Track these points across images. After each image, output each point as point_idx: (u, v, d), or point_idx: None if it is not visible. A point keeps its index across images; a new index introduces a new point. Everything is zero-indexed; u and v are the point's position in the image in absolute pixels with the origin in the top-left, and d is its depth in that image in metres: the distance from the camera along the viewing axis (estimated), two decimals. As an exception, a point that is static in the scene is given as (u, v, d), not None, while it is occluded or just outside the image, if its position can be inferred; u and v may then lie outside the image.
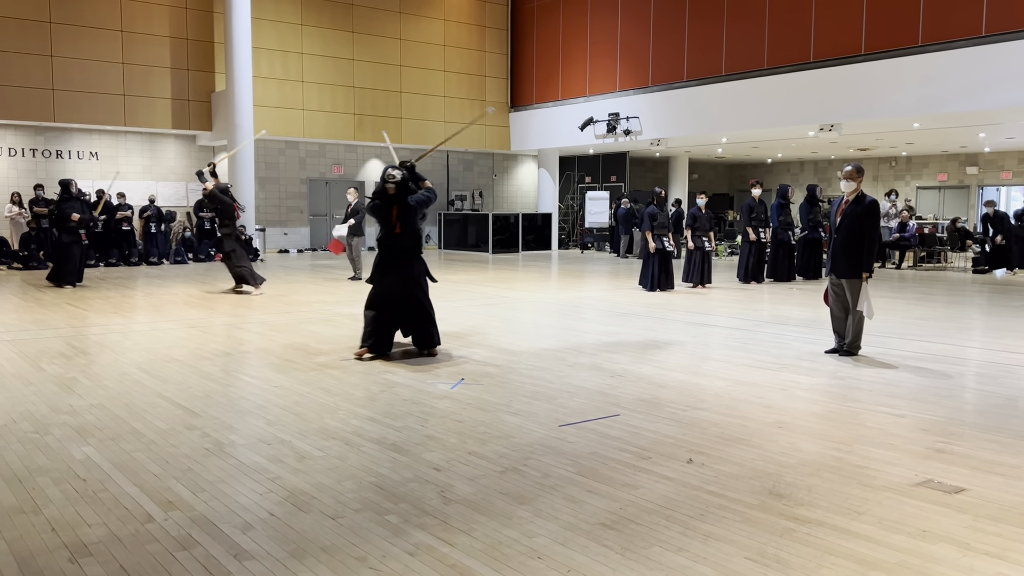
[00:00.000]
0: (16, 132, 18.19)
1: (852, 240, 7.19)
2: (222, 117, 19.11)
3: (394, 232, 7.14)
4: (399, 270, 7.16)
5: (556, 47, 23.20)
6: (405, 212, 7.14)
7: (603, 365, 6.95)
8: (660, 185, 25.36)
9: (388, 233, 7.19)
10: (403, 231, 7.16)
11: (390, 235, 7.17)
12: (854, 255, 7.18)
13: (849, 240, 7.20)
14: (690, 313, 10.36)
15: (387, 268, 7.19)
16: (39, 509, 3.66)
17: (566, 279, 15.36)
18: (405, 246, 7.20)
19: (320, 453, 4.48)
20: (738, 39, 18.40)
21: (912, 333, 8.76)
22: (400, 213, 7.13)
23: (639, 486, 3.97)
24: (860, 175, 7.30)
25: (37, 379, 6.31)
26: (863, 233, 7.14)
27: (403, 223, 7.14)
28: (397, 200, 7.15)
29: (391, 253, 7.20)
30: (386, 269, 7.19)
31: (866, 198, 7.25)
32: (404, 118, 22.40)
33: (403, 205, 7.15)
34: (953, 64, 14.72)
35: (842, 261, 7.26)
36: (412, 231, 7.23)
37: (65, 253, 12.84)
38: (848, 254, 7.21)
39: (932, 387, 6.18)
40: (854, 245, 7.18)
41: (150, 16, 18.82)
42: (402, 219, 7.14)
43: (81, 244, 12.92)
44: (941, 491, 3.92)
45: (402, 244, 7.18)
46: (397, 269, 7.15)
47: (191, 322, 9.39)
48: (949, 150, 24.10)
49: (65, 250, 12.84)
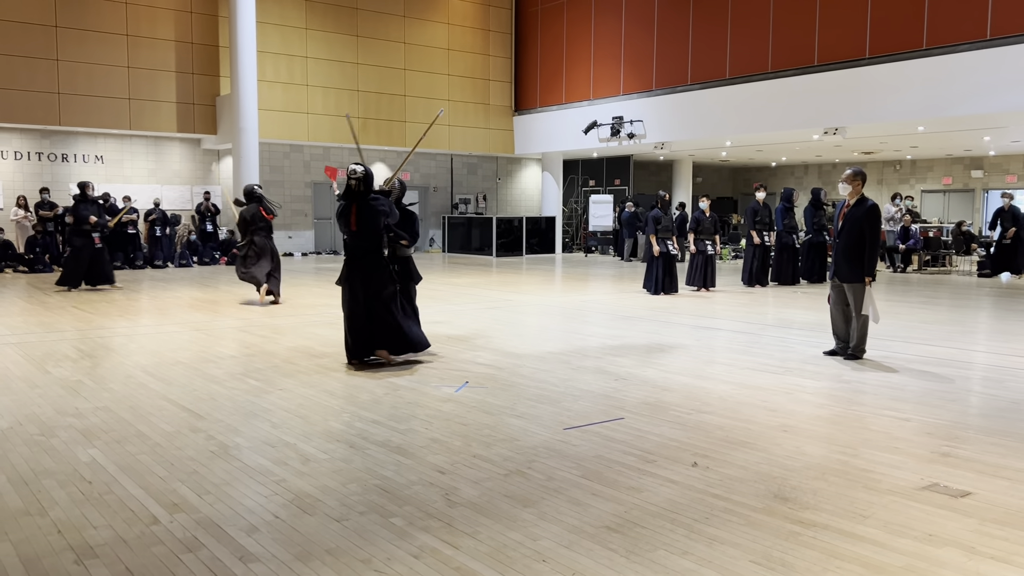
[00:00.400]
0: (22, 136, 18.25)
1: (853, 244, 7.20)
2: (227, 121, 19.15)
3: (351, 230, 6.85)
4: (360, 275, 6.89)
5: (560, 51, 23.23)
6: (366, 211, 6.80)
7: (607, 368, 6.95)
8: (664, 189, 25.35)
9: (348, 232, 6.91)
10: (360, 230, 6.83)
11: (349, 234, 6.91)
12: (856, 259, 7.18)
13: (851, 244, 7.21)
14: (694, 317, 10.36)
15: (350, 270, 6.95)
16: (45, 511, 3.67)
17: (570, 282, 15.36)
18: (363, 246, 6.88)
19: (325, 456, 4.49)
20: (742, 43, 18.41)
21: (917, 337, 8.74)
22: (360, 211, 6.81)
23: (644, 489, 3.97)
24: (858, 179, 7.30)
25: (43, 382, 6.33)
26: (864, 237, 7.15)
27: (361, 221, 6.81)
28: (358, 198, 6.84)
29: (352, 254, 6.95)
30: (350, 271, 6.95)
31: (867, 202, 7.24)
32: (408, 121, 22.43)
33: (364, 203, 6.82)
34: (958, 68, 14.70)
35: (844, 265, 7.26)
36: (372, 232, 6.88)
37: (76, 256, 12.78)
38: (850, 258, 7.22)
39: (937, 391, 6.16)
40: (856, 249, 7.18)
41: (155, 20, 18.88)
42: (361, 217, 6.80)
43: (93, 247, 12.80)
44: (947, 495, 3.91)
45: (361, 243, 6.87)
46: (358, 273, 6.89)
47: (196, 325, 9.41)
48: (954, 154, 24.07)
49: (76, 253, 12.77)
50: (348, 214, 6.85)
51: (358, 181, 6.82)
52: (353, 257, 6.95)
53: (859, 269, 7.17)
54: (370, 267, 6.91)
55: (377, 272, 6.94)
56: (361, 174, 6.80)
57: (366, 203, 6.81)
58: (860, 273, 7.17)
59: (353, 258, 6.95)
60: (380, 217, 6.83)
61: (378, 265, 6.96)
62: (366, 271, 6.89)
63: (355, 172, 6.82)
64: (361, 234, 6.85)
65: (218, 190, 20.53)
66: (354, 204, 6.83)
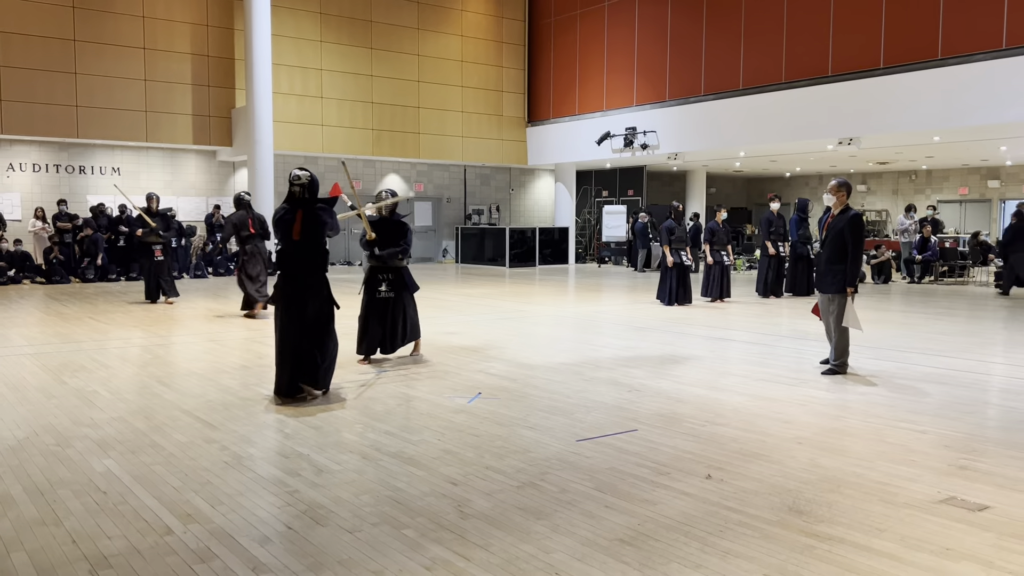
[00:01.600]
0: (40, 148, 18.46)
1: (836, 254, 7.09)
2: (242, 133, 19.30)
3: (292, 239, 6.17)
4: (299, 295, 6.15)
5: (573, 62, 23.29)
6: (310, 220, 6.18)
7: (621, 380, 6.93)
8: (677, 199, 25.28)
9: (288, 242, 6.22)
10: (304, 239, 6.17)
11: (290, 244, 6.20)
12: (838, 270, 7.07)
13: (833, 254, 7.11)
14: (708, 328, 10.32)
15: (288, 288, 6.19)
16: (60, 521, 3.69)
17: (583, 293, 15.34)
18: (305, 260, 6.20)
19: (338, 467, 4.49)
20: (755, 53, 18.39)
21: (934, 348, 8.67)
22: (305, 219, 6.17)
23: (657, 502, 3.95)
24: (843, 190, 7.18)
25: (59, 392, 6.37)
26: (846, 247, 7.02)
27: (305, 231, 6.16)
28: (304, 205, 6.23)
29: (291, 269, 6.20)
30: (287, 289, 6.19)
31: (849, 212, 7.16)
32: (422, 133, 22.54)
33: (309, 211, 6.20)
34: (974, 77, 14.62)
35: (827, 275, 7.17)
36: (315, 243, 6.23)
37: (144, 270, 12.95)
38: (832, 269, 7.12)
39: (954, 403, 6.10)
40: (838, 259, 7.08)
41: (172, 34, 19.08)
42: (305, 226, 6.16)
43: (154, 260, 12.55)
44: (964, 508, 3.86)
45: (302, 255, 6.19)
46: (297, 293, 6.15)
47: (210, 336, 9.46)
48: (970, 164, 23.91)
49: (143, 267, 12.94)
50: (291, 222, 6.18)
51: (302, 187, 6.25)
52: (292, 273, 6.20)
53: (840, 280, 7.05)
54: (311, 286, 6.21)
55: (318, 293, 6.24)
56: (306, 179, 6.26)
57: (312, 211, 6.22)
58: (842, 284, 7.04)
59: (292, 275, 6.20)
60: (324, 228, 6.25)
61: (320, 284, 6.27)
62: (306, 291, 6.18)
63: (299, 178, 6.26)
64: (304, 245, 6.20)
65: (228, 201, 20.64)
66: (299, 211, 6.21)
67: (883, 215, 27.61)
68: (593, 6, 22.57)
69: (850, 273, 7.00)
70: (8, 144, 18.05)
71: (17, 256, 16.70)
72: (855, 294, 7.05)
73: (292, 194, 6.28)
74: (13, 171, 18.18)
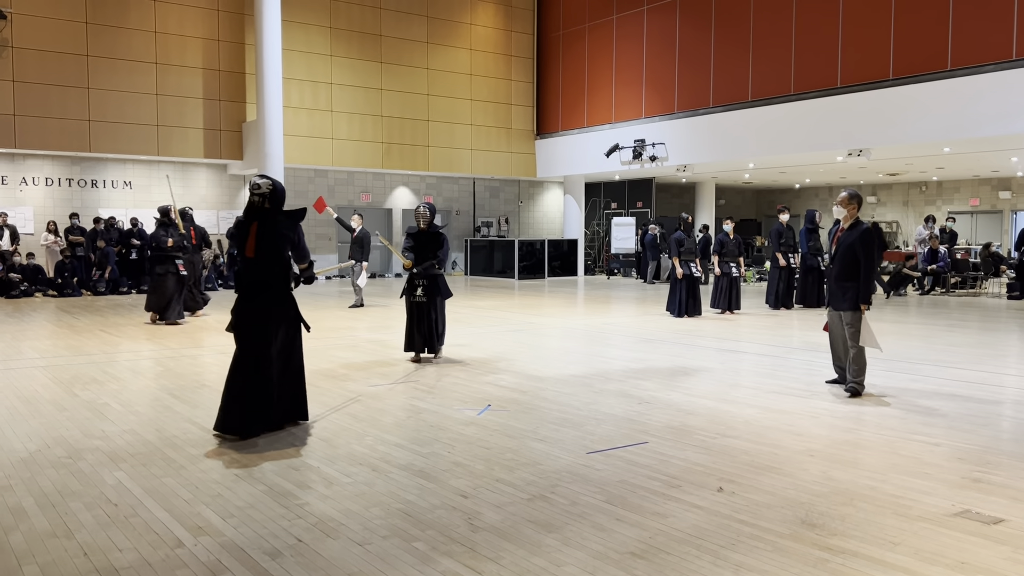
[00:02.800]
0: (53, 162, 18.61)
1: (847, 270, 6.76)
2: (253, 146, 19.42)
3: (246, 256, 5.46)
4: (252, 319, 5.42)
5: (582, 74, 23.36)
6: (268, 233, 5.44)
7: (631, 392, 6.91)
8: (687, 211, 25.32)
9: (243, 258, 5.50)
10: (259, 256, 5.42)
11: (244, 261, 5.49)
12: (850, 286, 6.73)
13: (844, 270, 6.78)
14: (719, 339, 10.28)
15: (242, 313, 5.46)
16: (71, 534, 3.69)
17: (592, 305, 15.33)
18: (260, 279, 5.44)
19: (348, 479, 4.49)
20: (764, 65, 18.41)
21: (946, 360, 8.61)
22: (261, 232, 5.44)
23: (668, 515, 3.93)
24: (854, 202, 6.88)
25: (71, 405, 6.40)
26: (858, 263, 6.70)
27: (261, 245, 5.42)
28: (262, 216, 5.49)
29: (246, 288, 5.48)
30: (241, 314, 5.46)
31: (860, 225, 6.85)
32: (431, 146, 22.62)
33: (267, 224, 5.46)
34: (984, 88, 14.59)
35: (839, 292, 6.82)
36: (273, 259, 5.45)
37: (160, 285, 11.71)
38: (844, 285, 6.77)
39: (968, 415, 6.06)
40: (850, 275, 6.74)
41: (184, 49, 19.24)
42: (261, 240, 5.42)
43: (178, 275, 11.76)
44: (979, 522, 3.83)
45: (257, 275, 5.44)
46: (250, 316, 5.43)
47: (221, 348, 9.48)
48: (981, 175, 23.82)
49: (160, 282, 11.71)
50: (245, 236, 5.48)
51: (262, 197, 5.49)
52: (249, 295, 5.47)
53: (853, 296, 6.71)
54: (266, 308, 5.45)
55: (279, 316, 5.49)
56: (267, 188, 5.50)
57: (270, 224, 5.48)
58: (855, 301, 6.71)
59: (249, 296, 5.47)
60: (285, 243, 5.50)
61: (282, 306, 5.51)
62: (261, 314, 5.43)
63: (258, 187, 5.50)
64: (259, 263, 5.44)
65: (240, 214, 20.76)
66: (255, 223, 5.49)
67: (893, 226, 27.51)
68: (601, 19, 22.65)
69: (863, 290, 6.68)
70: (22, 158, 18.22)
71: (29, 269, 16.81)
72: (868, 309, 6.76)
73: (251, 204, 5.52)
74: (26, 185, 18.33)
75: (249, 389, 5.34)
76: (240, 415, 5.31)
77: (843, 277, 6.80)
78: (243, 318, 5.44)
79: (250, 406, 5.33)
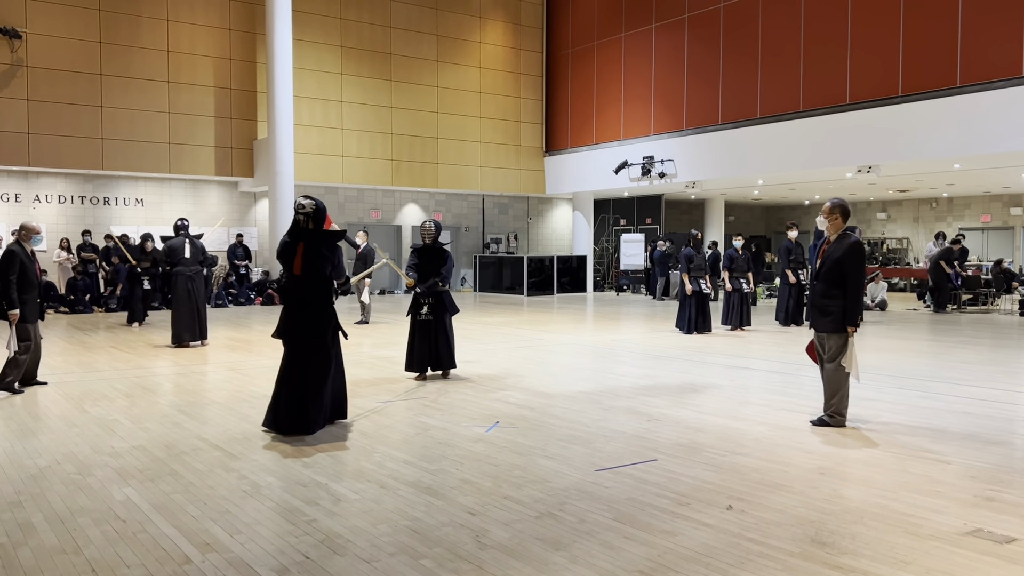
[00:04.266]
0: (66, 180, 18.77)
1: (832, 287, 6.14)
2: (264, 164, 19.55)
3: (294, 274, 5.98)
4: (299, 329, 5.96)
5: (591, 92, 23.45)
6: (312, 254, 5.95)
7: (640, 409, 6.88)
8: (696, 227, 25.28)
9: (289, 276, 6.02)
10: (305, 274, 5.95)
11: (291, 277, 6.01)
12: (834, 305, 6.11)
13: (829, 288, 6.16)
14: (728, 356, 10.24)
15: (290, 322, 6.00)
16: (80, 550, 3.70)
17: (601, 321, 15.31)
18: (305, 295, 5.96)
19: (355, 496, 4.48)
20: (773, 82, 18.44)
21: (958, 377, 8.55)
22: (306, 252, 5.95)
23: (678, 533, 3.90)
24: (837, 212, 6.24)
25: (81, 421, 6.42)
26: (845, 279, 6.09)
27: (307, 264, 5.93)
28: (306, 237, 5.99)
29: (293, 303, 6.01)
30: (288, 323, 6.00)
31: (848, 238, 6.21)
32: (441, 163, 22.73)
33: (311, 245, 5.97)
34: (993, 104, 14.57)
35: (821, 311, 6.21)
36: (317, 277, 5.97)
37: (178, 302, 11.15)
38: (828, 303, 6.16)
39: (980, 433, 6.01)
40: (834, 293, 6.12)
41: (195, 67, 19.43)
42: (307, 259, 5.93)
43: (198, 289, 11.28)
44: (992, 541, 3.79)
45: (303, 292, 5.97)
46: (298, 327, 5.96)
47: (231, 365, 9.51)
48: (992, 191, 23.74)
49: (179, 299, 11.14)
50: (292, 255, 5.98)
51: (307, 217, 5.98)
52: (293, 304, 6.01)
53: (838, 317, 6.10)
54: (312, 319, 5.98)
55: (322, 325, 6.00)
56: (311, 208, 5.96)
57: (314, 244, 6.00)
58: (840, 321, 6.10)
59: (293, 308, 6.01)
60: (326, 263, 6.01)
61: (322, 317, 6.00)
62: (307, 324, 5.97)
63: (303, 207, 5.97)
64: (305, 280, 5.97)
65: (254, 231, 20.90)
66: (301, 243, 6.00)
67: (904, 243, 27.42)
68: (610, 37, 22.77)
69: (850, 309, 6.05)
70: (35, 176, 18.39)
71: (41, 286, 16.91)
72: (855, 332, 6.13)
73: (296, 223, 6.05)
74: (39, 202, 18.49)
75: (299, 389, 5.90)
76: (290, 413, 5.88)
77: (827, 295, 6.17)
78: (291, 327, 5.98)
79: (301, 404, 5.89)
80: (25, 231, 7.90)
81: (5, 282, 7.46)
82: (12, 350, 7.51)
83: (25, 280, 7.68)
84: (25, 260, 7.70)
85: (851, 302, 6.07)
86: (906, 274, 24.46)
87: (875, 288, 17.88)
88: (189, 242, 11.40)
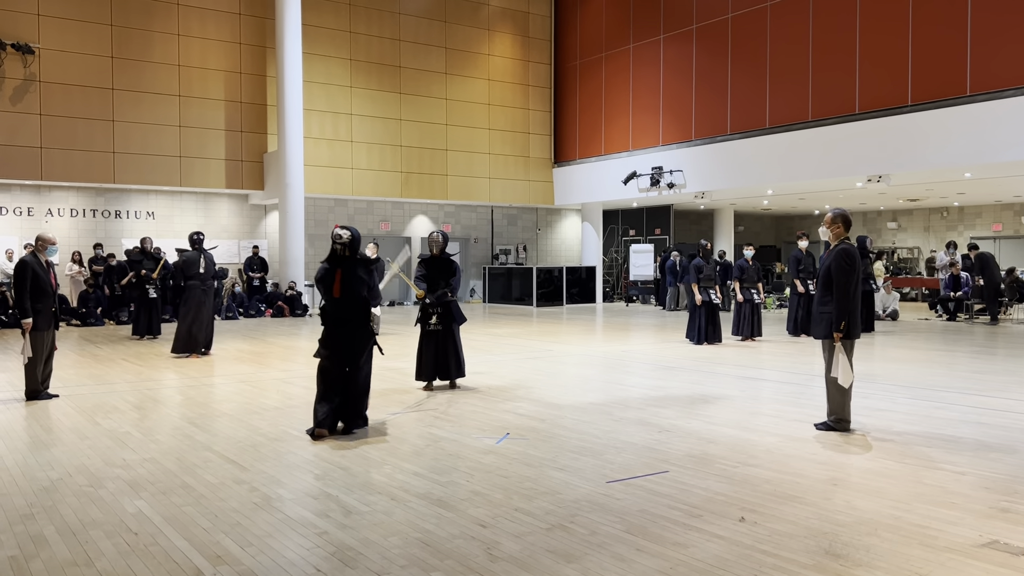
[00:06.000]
0: (78, 193, 18.92)
1: (826, 294, 6.27)
2: (274, 176, 19.66)
3: (333, 297, 6.50)
4: (341, 343, 6.48)
5: (599, 103, 23.50)
6: (349, 279, 6.49)
7: (651, 420, 6.86)
8: (705, 237, 25.25)
9: (329, 299, 6.55)
10: (344, 297, 6.48)
11: (331, 301, 6.54)
12: (827, 312, 6.24)
13: (823, 294, 6.30)
14: (739, 367, 10.20)
15: (332, 339, 6.51)
16: (92, 562, 3.70)
17: (611, 332, 15.28)
18: (345, 316, 6.49)
19: (366, 508, 4.48)
20: (781, 92, 18.44)
21: (971, 387, 8.49)
22: (344, 277, 6.49)
23: (690, 545, 3.88)
24: (837, 222, 6.36)
25: (92, 433, 6.44)
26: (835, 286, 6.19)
27: (345, 288, 6.48)
28: (343, 264, 6.54)
29: (333, 323, 6.54)
30: (331, 340, 6.51)
31: (839, 245, 6.31)
32: (450, 175, 22.80)
33: (349, 269, 6.51)
34: (1004, 113, 14.52)
35: (816, 318, 6.36)
36: (355, 299, 6.51)
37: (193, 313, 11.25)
38: (821, 310, 6.30)
39: (994, 443, 5.96)
40: (827, 300, 6.25)
41: (206, 81, 19.58)
42: (345, 283, 6.48)
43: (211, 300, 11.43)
44: (1008, 553, 3.75)
45: (343, 313, 6.49)
46: (339, 341, 6.48)
47: (242, 377, 9.53)
48: (1003, 200, 23.63)
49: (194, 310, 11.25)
50: (331, 280, 6.54)
51: (343, 246, 6.53)
52: (334, 325, 6.55)
53: (827, 323, 6.23)
54: (354, 338, 6.51)
55: (360, 341, 6.55)
56: (347, 238, 6.51)
57: (351, 269, 6.53)
58: (828, 327, 6.24)
59: (334, 326, 6.55)
60: (362, 286, 6.53)
61: (361, 334, 6.56)
62: (348, 339, 6.50)
63: (340, 237, 6.52)
64: (344, 302, 6.51)
65: (264, 244, 20.99)
66: (339, 270, 6.53)
67: (915, 252, 27.29)
68: (618, 48, 22.83)
69: (836, 315, 6.14)
70: (47, 190, 18.54)
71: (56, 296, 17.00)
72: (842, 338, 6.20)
73: (333, 252, 6.58)
74: (51, 216, 18.63)
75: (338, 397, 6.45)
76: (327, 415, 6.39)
77: (822, 302, 6.32)
78: (333, 343, 6.48)
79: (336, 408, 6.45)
80: (41, 242, 8.14)
81: (19, 292, 7.63)
82: (27, 356, 7.69)
83: (38, 290, 7.83)
84: (38, 270, 7.88)
85: (837, 308, 6.16)
86: (917, 284, 24.34)
87: (887, 298, 17.81)
88: (203, 256, 11.56)
